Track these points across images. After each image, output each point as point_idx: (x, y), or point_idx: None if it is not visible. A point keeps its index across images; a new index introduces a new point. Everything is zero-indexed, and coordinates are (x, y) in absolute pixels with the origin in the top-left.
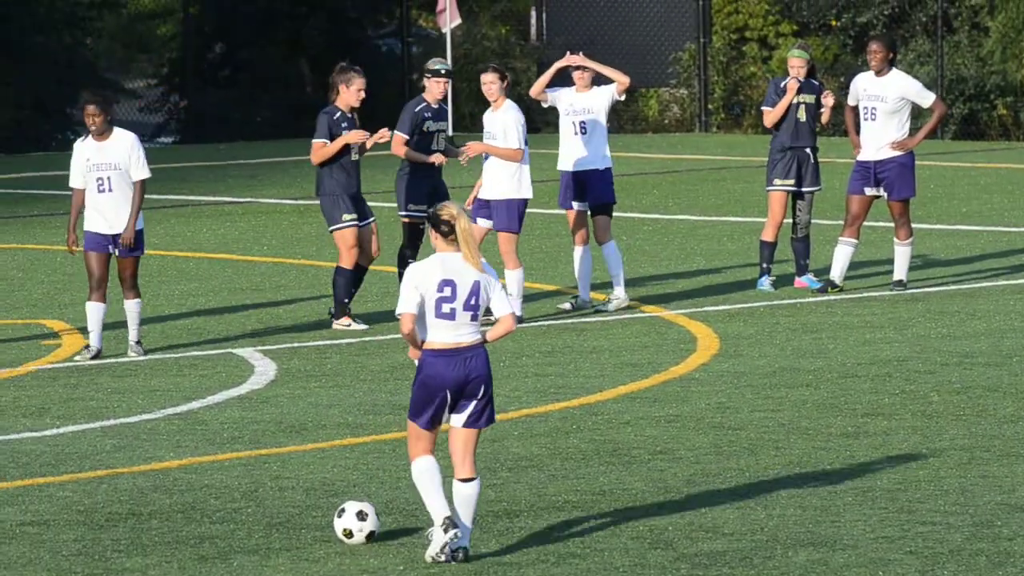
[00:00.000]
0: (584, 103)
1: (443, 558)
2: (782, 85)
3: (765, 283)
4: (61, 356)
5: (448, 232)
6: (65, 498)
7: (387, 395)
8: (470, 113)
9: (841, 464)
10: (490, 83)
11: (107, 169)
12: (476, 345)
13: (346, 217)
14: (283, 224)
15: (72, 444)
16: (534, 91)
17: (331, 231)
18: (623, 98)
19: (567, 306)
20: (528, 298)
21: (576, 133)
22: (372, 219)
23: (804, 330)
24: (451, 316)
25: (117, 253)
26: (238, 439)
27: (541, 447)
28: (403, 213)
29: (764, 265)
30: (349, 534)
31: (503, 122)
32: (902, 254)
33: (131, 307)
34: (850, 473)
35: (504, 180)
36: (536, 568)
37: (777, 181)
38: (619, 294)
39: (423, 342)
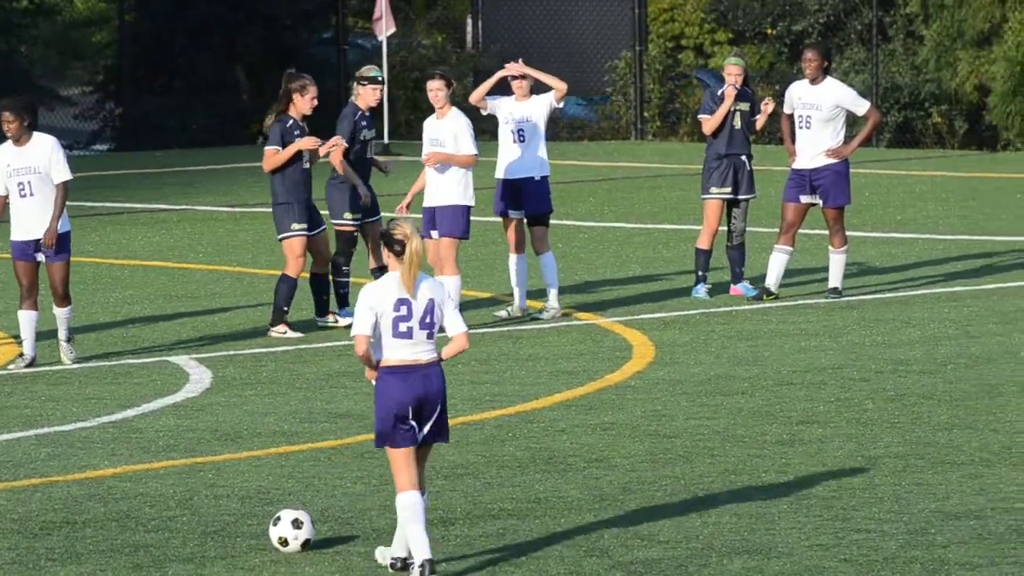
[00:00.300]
0: (523, 112)
1: None
2: (719, 93)
3: (700, 291)
4: None
5: (401, 251)
6: None
7: (323, 403)
8: (406, 121)
9: (776, 472)
10: (437, 90)
11: (27, 173)
12: (433, 363)
13: (295, 226)
14: (219, 231)
15: (6, 452)
16: (474, 98)
17: (280, 239)
18: (561, 105)
19: (503, 314)
20: (464, 306)
21: (515, 141)
22: (323, 227)
23: (739, 338)
24: (408, 335)
25: (44, 259)
26: (173, 447)
27: (477, 455)
28: (337, 222)
29: (699, 273)
30: (284, 542)
31: (453, 129)
32: (837, 262)
33: (61, 313)
34: (785, 481)
35: (451, 186)
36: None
37: (713, 189)
38: (553, 304)
39: (379, 362)
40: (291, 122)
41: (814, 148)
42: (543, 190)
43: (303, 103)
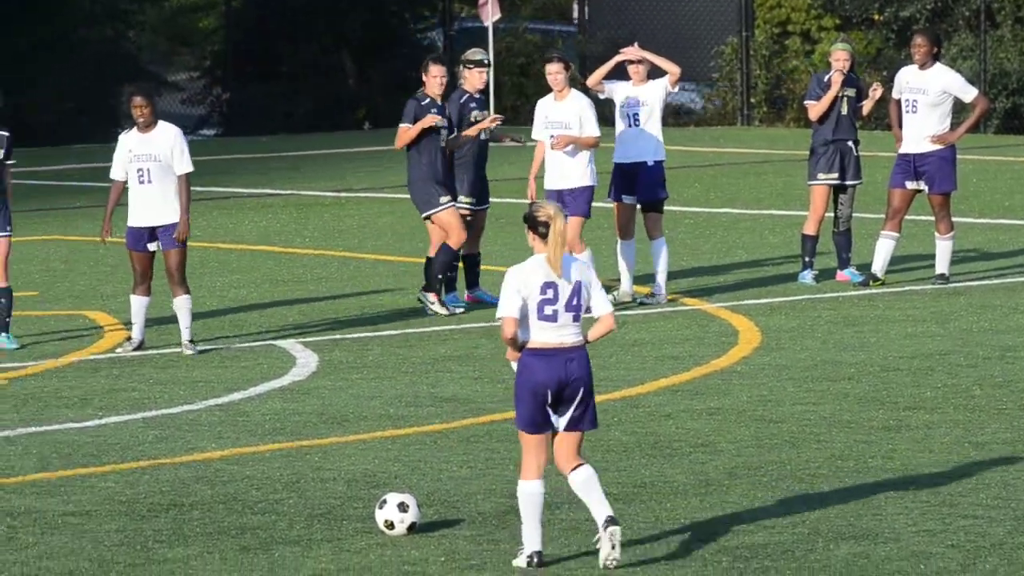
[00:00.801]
0: (639, 96)
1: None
2: (825, 79)
3: (807, 276)
4: (103, 347)
5: (546, 233)
6: (107, 489)
7: (428, 387)
8: (512, 106)
9: (883, 458)
10: (555, 73)
11: (148, 160)
12: (578, 346)
13: (442, 200)
14: (324, 216)
15: (114, 435)
16: (591, 81)
17: (427, 216)
18: (676, 89)
19: (610, 298)
20: None
21: (630, 126)
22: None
23: (846, 323)
24: (553, 318)
25: (157, 247)
26: (280, 430)
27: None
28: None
29: (806, 258)
30: (391, 525)
31: (577, 110)
32: (944, 248)
33: (180, 304)
34: (891, 467)
35: (577, 168)
36: (578, 560)
37: (820, 175)
38: (661, 291)
39: (523, 344)
40: (427, 100)
41: (920, 133)
42: (657, 176)
43: (430, 83)
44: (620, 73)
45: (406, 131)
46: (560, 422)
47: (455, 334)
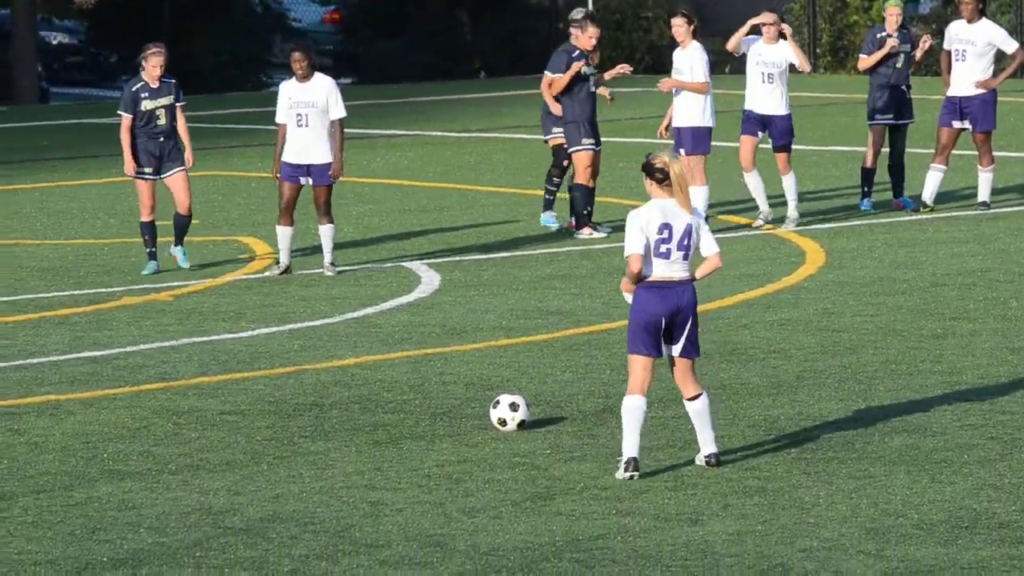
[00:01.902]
0: (771, 55)
1: (627, 476)
2: (879, 36)
3: (866, 204)
4: (255, 268)
5: (663, 179)
6: (258, 391)
7: (536, 302)
8: (609, 57)
9: (931, 362)
10: (679, 26)
11: (306, 107)
12: (686, 281)
13: (585, 141)
14: (446, 154)
15: (264, 344)
16: (730, 45)
17: (572, 152)
18: (806, 70)
19: (759, 222)
20: None
21: (764, 82)
22: (599, 146)
23: (899, 245)
24: (667, 255)
25: (311, 182)
26: (407, 340)
27: None
28: (547, 137)
29: (865, 188)
30: (503, 423)
31: (690, 59)
32: (985, 179)
33: (325, 231)
34: (939, 369)
35: (694, 110)
36: (665, 452)
37: (878, 116)
38: (793, 214)
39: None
40: (576, 52)
41: (967, 79)
42: (787, 125)
43: (583, 40)
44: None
45: (559, 80)
46: (675, 349)
47: (559, 256)
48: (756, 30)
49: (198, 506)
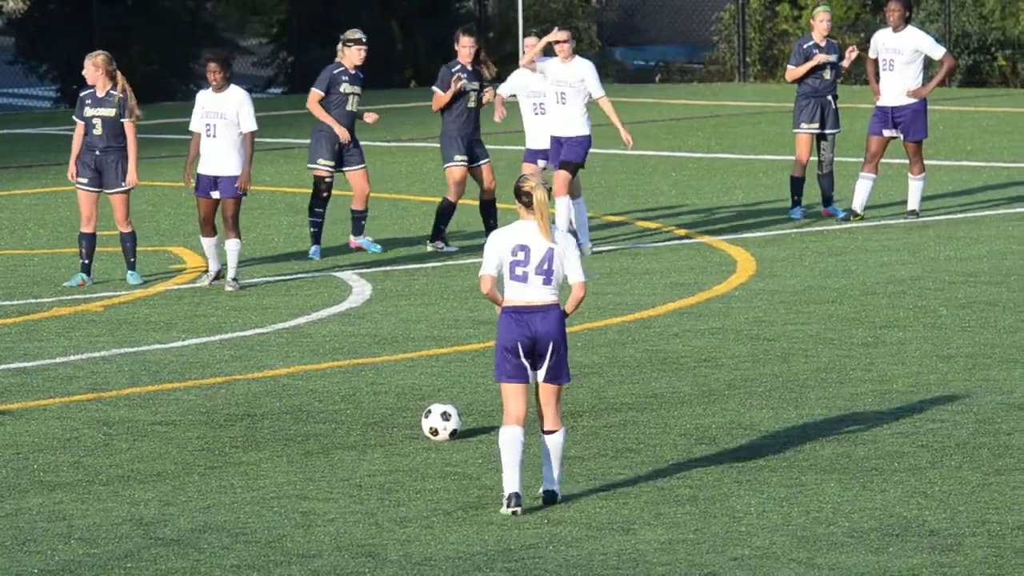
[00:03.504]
0: (565, 75)
1: (509, 511)
2: (804, 47)
3: (796, 213)
4: (186, 279)
5: (528, 203)
6: (189, 401)
7: (467, 312)
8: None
9: (862, 370)
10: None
11: (216, 117)
12: (549, 306)
13: (457, 157)
14: (376, 163)
15: (195, 355)
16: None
17: (445, 167)
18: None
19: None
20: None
21: (557, 102)
22: (486, 160)
23: (830, 253)
24: (523, 279)
25: (218, 195)
26: (339, 350)
27: (601, 356)
28: (311, 166)
29: (795, 197)
30: (435, 432)
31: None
32: (915, 187)
33: (231, 246)
34: (870, 378)
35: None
36: (597, 461)
37: (803, 125)
38: (584, 244)
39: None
40: (458, 67)
41: (897, 88)
42: (580, 146)
43: (460, 52)
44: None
45: (439, 96)
46: (539, 375)
47: None
48: (550, 49)
49: (129, 517)
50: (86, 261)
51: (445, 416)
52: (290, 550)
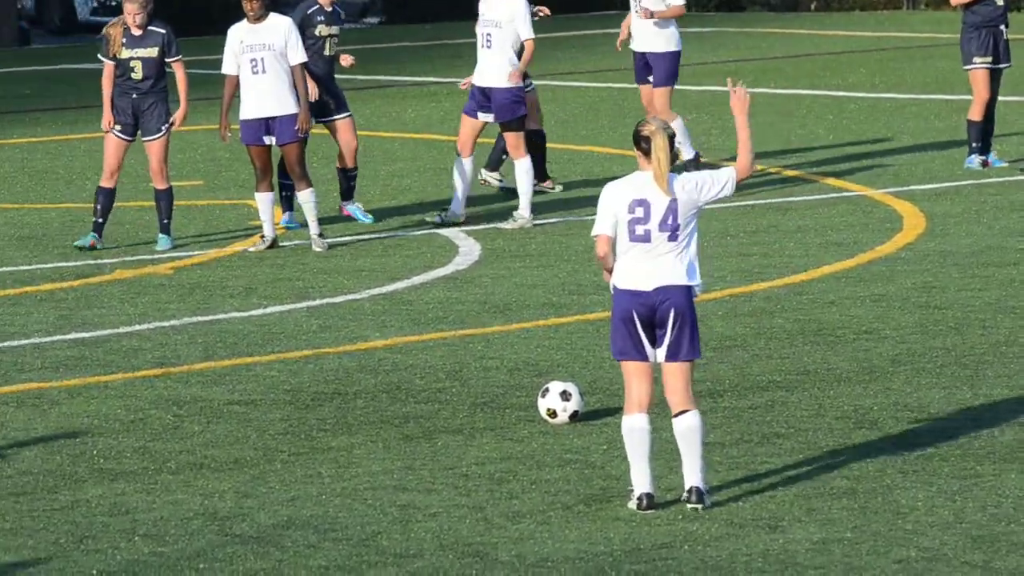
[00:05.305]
0: (491, 12)
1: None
2: None
3: (974, 161)
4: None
5: (648, 150)
6: (272, 378)
7: (591, 275)
8: None
9: None
10: None
11: (262, 50)
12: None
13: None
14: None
15: (278, 324)
16: None
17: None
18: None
19: (436, 219)
20: None
21: (483, 46)
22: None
23: (1012, 208)
24: (646, 238)
25: (275, 142)
26: (443, 319)
27: (745, 327)
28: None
29: (973, 144)
30: (553, 414)
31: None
32: None
33: (304, 198)
34: None
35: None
36: (740, 448)
37: (976, 59)
38: (526, 213)
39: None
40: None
41: None
42: (507, 99)
43: None
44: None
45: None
46: (658, 353)
47: None
48: None
49: (201, 511)
50: (100, 220)
51: (565, 395)
52: (386, 549)
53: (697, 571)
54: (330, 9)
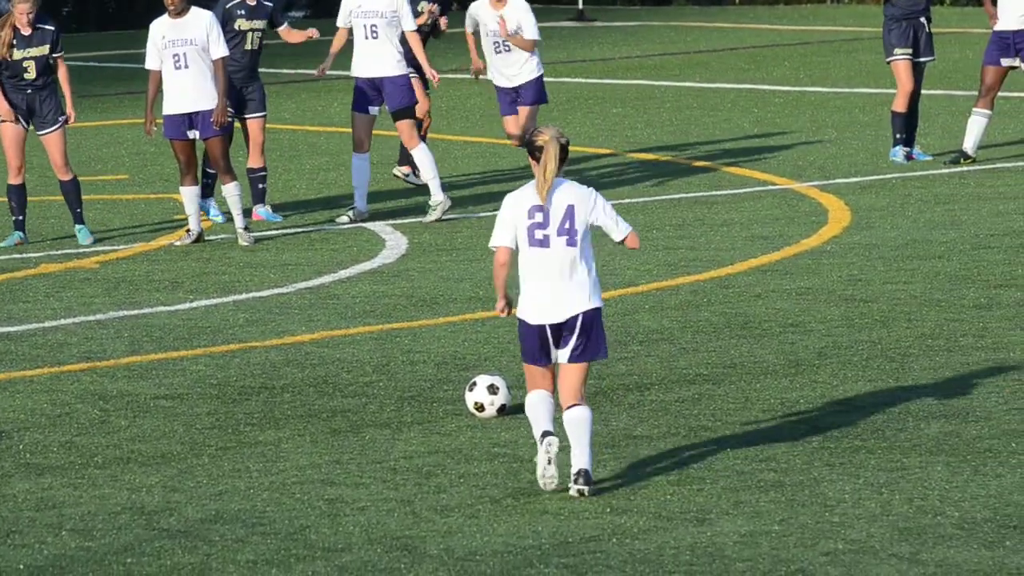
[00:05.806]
0: (373, 5)
1: (549, 475)
2: None
3: (898, 154)
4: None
5: (539, 157)
6: (198, 372)
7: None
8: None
9: (974, 336)
10: None
11: (183, 46)
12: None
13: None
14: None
15: (205, 318)
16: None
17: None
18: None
19: (344, 219)
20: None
21: (367, 37)
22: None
23: (936, 201)
24: (544, 243)
25: (198, 135)
26: (370, 313)
27: (672, 320)
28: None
29: (897, 136)
30: (480, 408)
31: (516, 15)
32: None
33: (229, 191)
34: (983, 345)
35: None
36: (667, 441)
37: (897, 51)
38: (438, 198)
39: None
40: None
41: (1018, 10)
42: (398, 87)
43: None
44: None
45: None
46: (563, 354)
47: None
48: None
49: (129, 505)
50: (20, 217)
51: (492, 389)
52: (314, 543)
53: (625, 564)
54: (253, 3)
